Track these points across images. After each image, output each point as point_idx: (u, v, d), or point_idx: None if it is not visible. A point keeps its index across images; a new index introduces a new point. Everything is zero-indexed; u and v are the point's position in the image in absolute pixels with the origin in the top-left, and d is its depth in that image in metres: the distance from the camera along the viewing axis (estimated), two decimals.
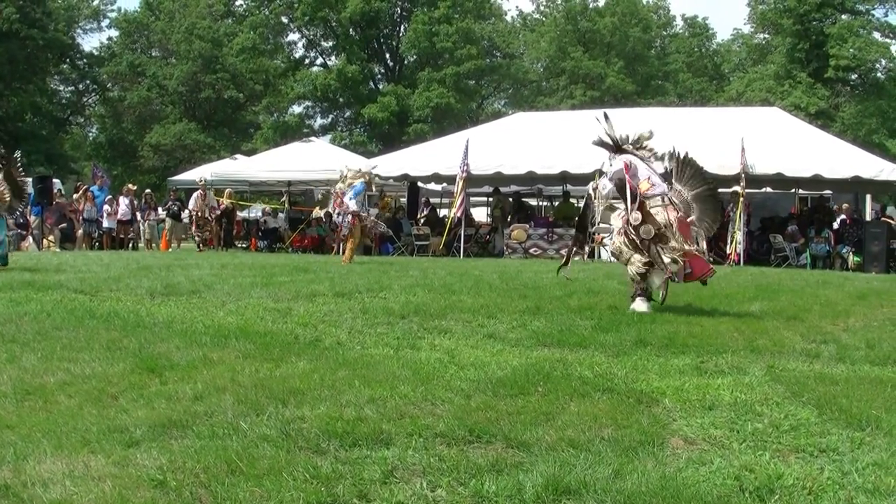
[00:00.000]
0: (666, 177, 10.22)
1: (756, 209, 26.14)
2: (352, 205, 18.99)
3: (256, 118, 67.63)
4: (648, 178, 9.98)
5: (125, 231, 28.21)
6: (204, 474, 3.87)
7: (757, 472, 4.04)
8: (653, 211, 9.87)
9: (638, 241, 9.80)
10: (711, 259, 23.04)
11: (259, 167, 31.49)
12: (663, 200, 9.97)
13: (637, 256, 9.87)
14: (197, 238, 28.25)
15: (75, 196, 28.18)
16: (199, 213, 27.65)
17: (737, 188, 22.64)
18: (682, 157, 10.44)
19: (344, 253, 19.49)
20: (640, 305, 9.96)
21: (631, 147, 10.35)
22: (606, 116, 10.57)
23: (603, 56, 65.91)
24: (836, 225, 25.14)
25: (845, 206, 25.51)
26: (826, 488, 3.88)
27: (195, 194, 28.05)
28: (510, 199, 29.59)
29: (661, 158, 10.47)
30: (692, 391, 5.64)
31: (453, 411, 4.94)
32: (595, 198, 10.66)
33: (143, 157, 61.17)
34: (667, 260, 9.70)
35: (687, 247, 9.84)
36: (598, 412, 5.00)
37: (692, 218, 10.23)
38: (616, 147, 10.40)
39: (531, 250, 24.44)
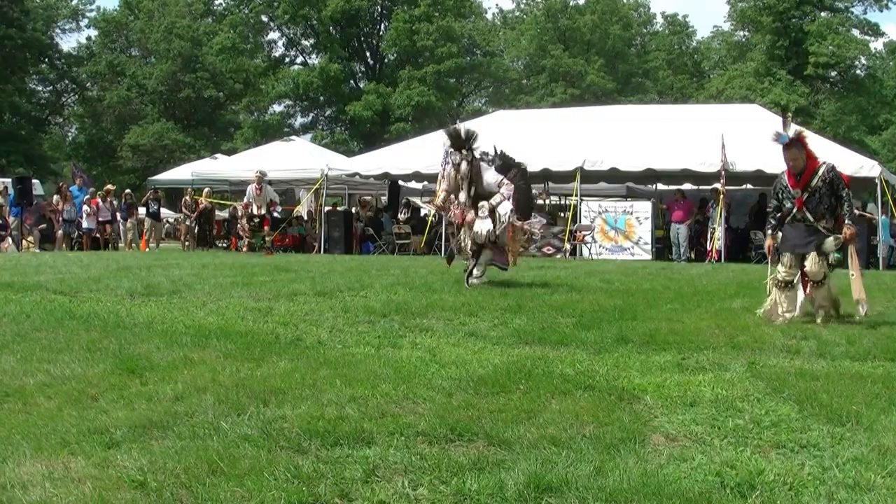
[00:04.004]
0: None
1: (737, 206, 26.25)
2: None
3: (236, 117, 67.51)
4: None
5: (105, 231, 28.01)
6: (185, 475, 3.85)
7: (738, 468, 4.05)
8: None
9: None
10: (691, 256, 23.27)
11: (239, 166, 31.35)
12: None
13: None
14: (248, 240, 24.45)
15: (56, 197, 27.91)
16: (255, 210, 23.67)
17: (717, 185, 22.71)
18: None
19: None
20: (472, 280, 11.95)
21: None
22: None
23: (583, 54, 66.15)
24: None
25: None
26: (807, 484, 3.89)
27: (250, 187, 23.94)
28: None
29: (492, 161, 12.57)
30: (673, 388, 5.65)
31: (435, 410, 4.94)
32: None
33: (122, 158, 60.90)
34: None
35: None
36: (580, 410, 5.01)
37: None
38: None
39: None
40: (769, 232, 9.56)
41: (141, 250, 27.03)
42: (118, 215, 28.67)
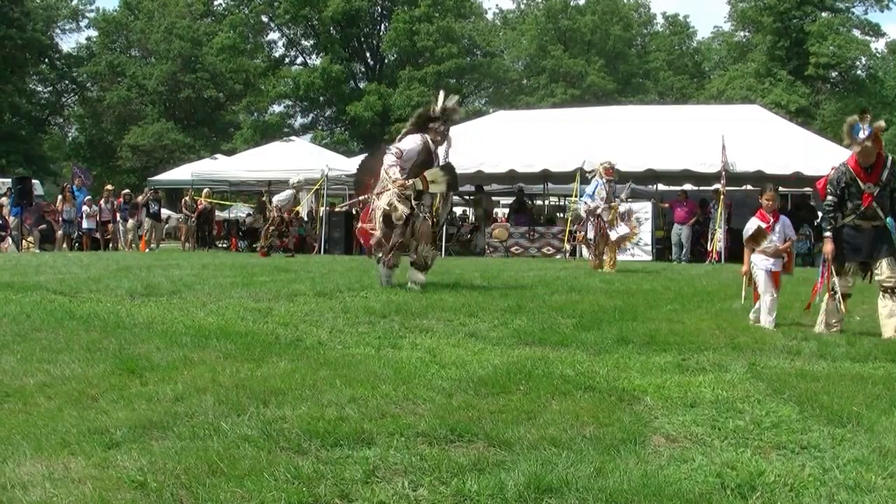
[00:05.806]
0: None
1: (738, 207, 26.23)
2: (583, 205, 17.78)
3: (236, 118, 67.50)
4: None
5: (107, 231, 27.99)
6: (185, 475, 3.85)
7: (738, 470, 4.05)
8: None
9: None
10: (687, 257, 23.22)
11: (239, 167, 31.34)
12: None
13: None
14: (268, 241, 23.95)
15: (59, 198, 27.84)
16: (285, 215, 23.66)
17: (718, 186, 22.70)
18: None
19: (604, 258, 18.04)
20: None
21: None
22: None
23: (583, 54, 66.16)
24: (816, 222, 25.21)
25: None
26: (807, 485, 3.89)
27: (287, 192, 24.18)
28: (493, 198, 29.44)
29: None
30: (674, 389, 5.65)
31: (435, 410, 4.94)
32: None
33: (122, 158, 60.89)
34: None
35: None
36: (580, 410, 5.00)
37: None
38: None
39: (513, 249, 24.44)
40: (828, 235, 8.73)
41: (141, 251, 27.01)
42: (118, 215, 28.65)
